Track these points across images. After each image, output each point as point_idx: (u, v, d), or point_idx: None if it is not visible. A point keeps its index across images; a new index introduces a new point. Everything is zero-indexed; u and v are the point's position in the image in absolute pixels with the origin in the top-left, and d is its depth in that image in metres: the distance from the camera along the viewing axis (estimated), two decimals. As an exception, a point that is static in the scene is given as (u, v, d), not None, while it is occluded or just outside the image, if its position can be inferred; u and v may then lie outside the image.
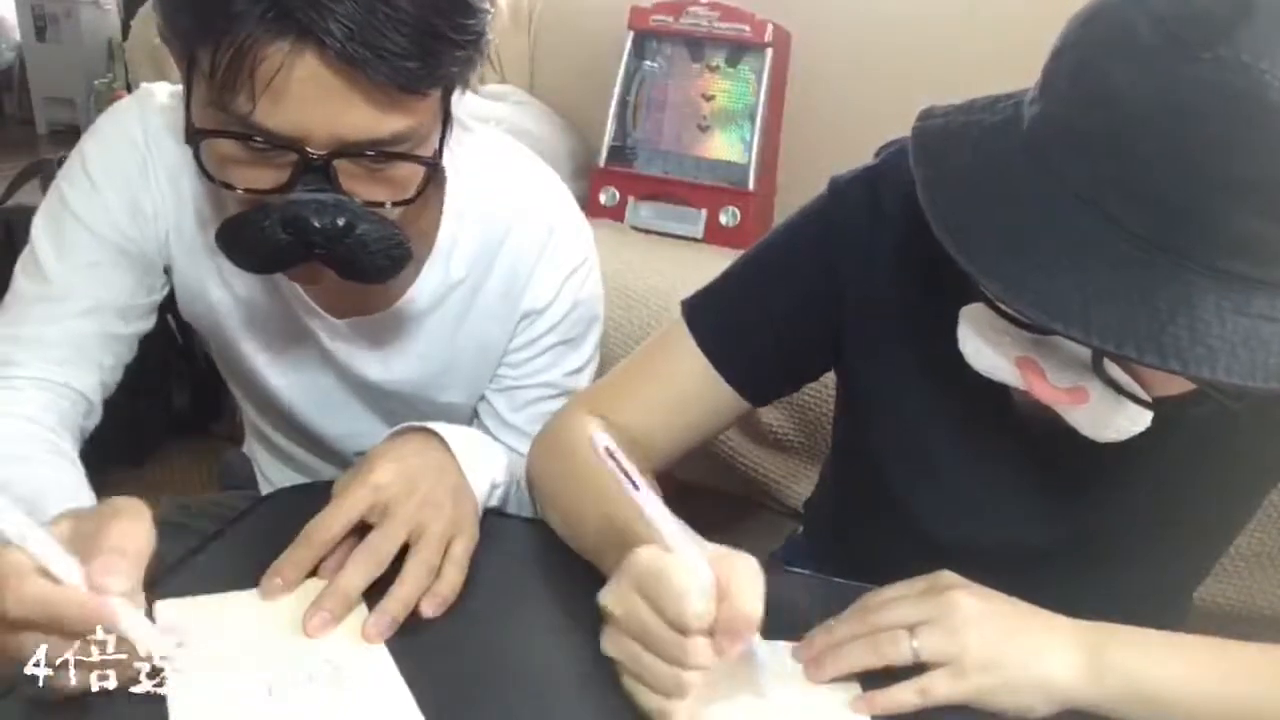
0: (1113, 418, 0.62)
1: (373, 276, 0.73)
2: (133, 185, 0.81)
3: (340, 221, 0.67)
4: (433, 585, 0.66)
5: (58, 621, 0.53)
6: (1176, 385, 0.59)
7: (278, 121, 0.64)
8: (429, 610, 0.65)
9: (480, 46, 0.69)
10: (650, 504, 0.55)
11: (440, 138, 0.72)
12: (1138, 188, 0.53)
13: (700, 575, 0.54)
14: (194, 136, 0.68)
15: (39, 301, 0.81)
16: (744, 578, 0.55)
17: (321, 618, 0.62)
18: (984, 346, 0.64)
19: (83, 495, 0.71)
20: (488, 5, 0.69)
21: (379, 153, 0.68)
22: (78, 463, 0.77)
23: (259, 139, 0.66)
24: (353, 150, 0.67)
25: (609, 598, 0.57)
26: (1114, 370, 0.59)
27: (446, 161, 0.80)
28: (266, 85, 0.63)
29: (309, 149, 0.66)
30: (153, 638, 0.55)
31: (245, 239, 0.70)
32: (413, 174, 0.71)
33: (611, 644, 0.58)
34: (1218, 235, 0.52)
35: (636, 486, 0.54)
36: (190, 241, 0.84)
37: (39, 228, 0.82)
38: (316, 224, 0.67)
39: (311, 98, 0.64)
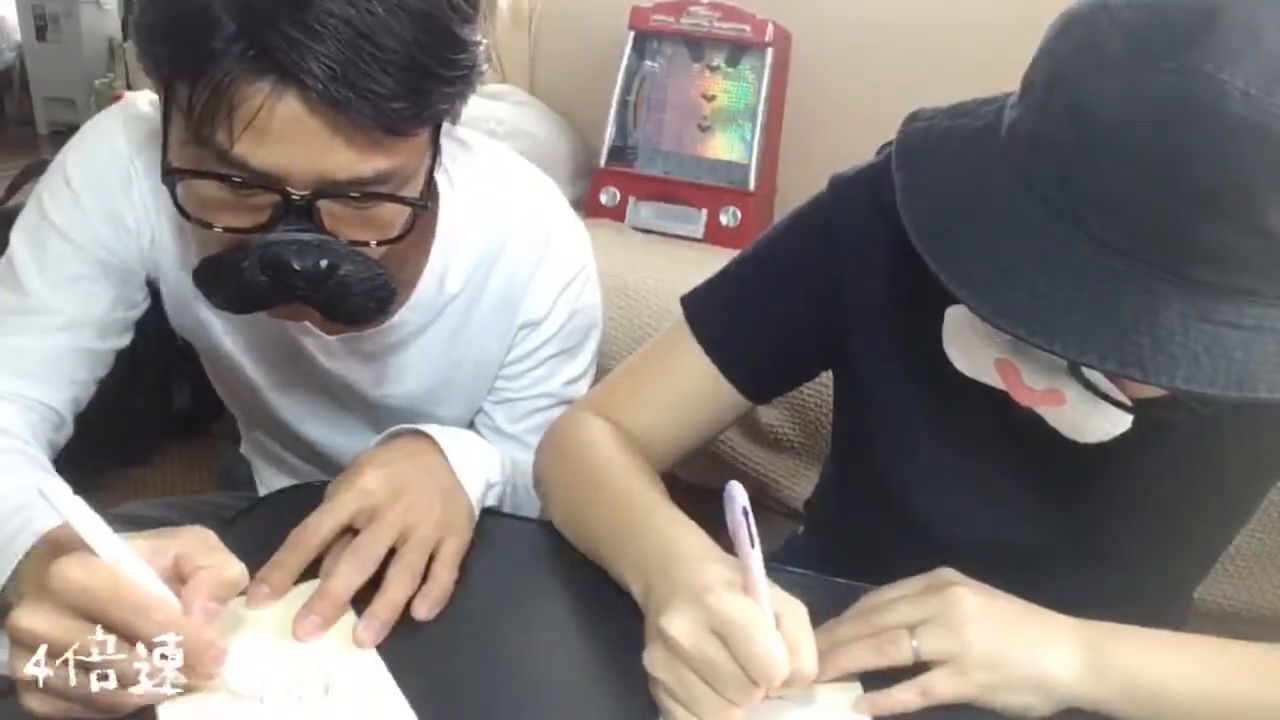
0: (1091, 419, 0.62)
1: (357, 319, 0.71)
2: (115, 197, 0.79)
3: (322, 263, 0.65)
4: (423, 587, 0.66)
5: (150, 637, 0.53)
6: (1155, 389, 0.60)
7: (259, 160, 0.62)
8: (422, 612, 0.65)
9: (471, 80, 0.67)
10: (758, 565, 0.56)
11: (429, 171, 0.70)
12: (1104, 196, 0.53)
13: (777, 635, 0.55)
14: (170, 175, 0.66)
15: (15, 314, 0.79)
16: (805, 634, 0.57)
17: (312, 622, 0.62)
18: (966, 348, 0.65)
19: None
20: (478, 37, 0.66)
21: (363, 194, 0.66)
22: (55, 474, 0.75)
23: (238, 177, 0.63)
24: (336, 191, 0.65)
25: (678, 628, 0.56)
26: (1091, 373, 0.60)
27: (440, 180, 0.79)
28: (247, 125, 0.60)
29: (290, 189, 0.63)
30: (245, 678, 0.57)
31: (224, 280, 0.68)
32: (398, 213, 0.69)
33: (663, 667, 0.57)
34: (1183, 243, 0.52)
35: (753, 544, 0.56)
36: (176, 256, 0.83)
37: (18, 239, 0.80)
38: (297, 266, 0.65)
39: (293, 137, 0.61)
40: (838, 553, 0.89)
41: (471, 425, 0.94)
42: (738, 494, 0.55)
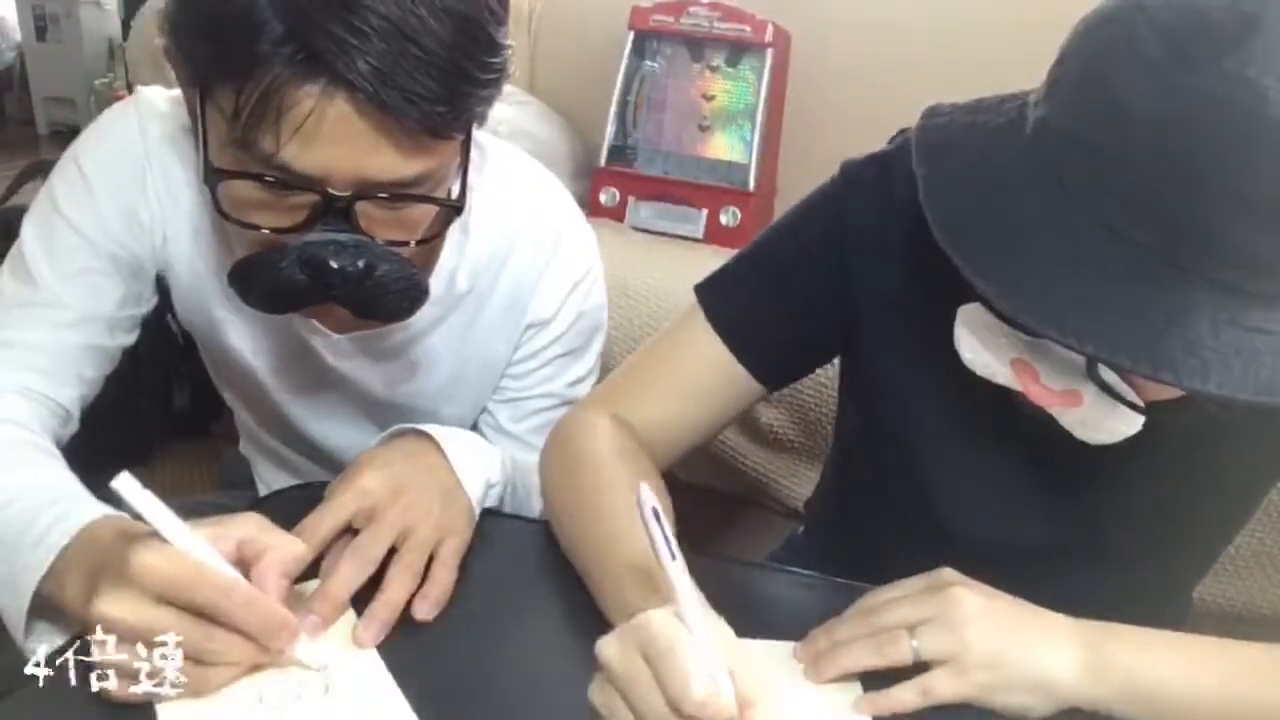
0: (1105, 421, 0.62)
1: (390, 317, 0.73)
2: (129, 193, 0.80)
3: (360, 263, 0.66)
4: (423, 588, 0.66)
5: (238, 622, 0.56)
6: (1170, 391, 0.60)
7: (304, 163, 0.62)
8: (421, 612, 0.65)
9: (502, 83, 0.67)
10: (679, 578, 0.52)
11: (463, 173, 0.71)
12: (1137, 198, 0.53)
13: (710, 659, 0.51)
14: (212, 177, 0.66)
15: (24, 307, 0.79)
16: (758, 690, 0.52)
17: (310, 621, 0.62)
18: (979, 347, 0.65)
19: (80, 493, 0.70)
20: (511, 41, 0.67)
21: (402, 195, 0.66)
22: (68, 468, 0.75)
23: (280, 179, 0.64)
24: (376, 192, 0.65)
25: (610, 650, 0.53)
26: (1108, 374, 0.60)
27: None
28: (295, 130, 0.61)
29: (331, 190, 0.64)
30: (311, 654, 0.59)
31: (261, 280, 0.68)
32: (429, 213, 0.70)
33: (599, 693, 0.54)
34: (1216, 247, 0.52)
35: (674, 556, 0.52)
36: (189, 256, 0.83)
37: (29, 231, 0.80)
38: (335, 265, 0.65)
39: (340, 140, 0.62)
40: (838, 553, 0.89)
41: (475, 425, 0.95)
42: (646, 497, 0.52)
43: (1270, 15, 0.51)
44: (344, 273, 0.66)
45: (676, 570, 0.52)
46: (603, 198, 1.77)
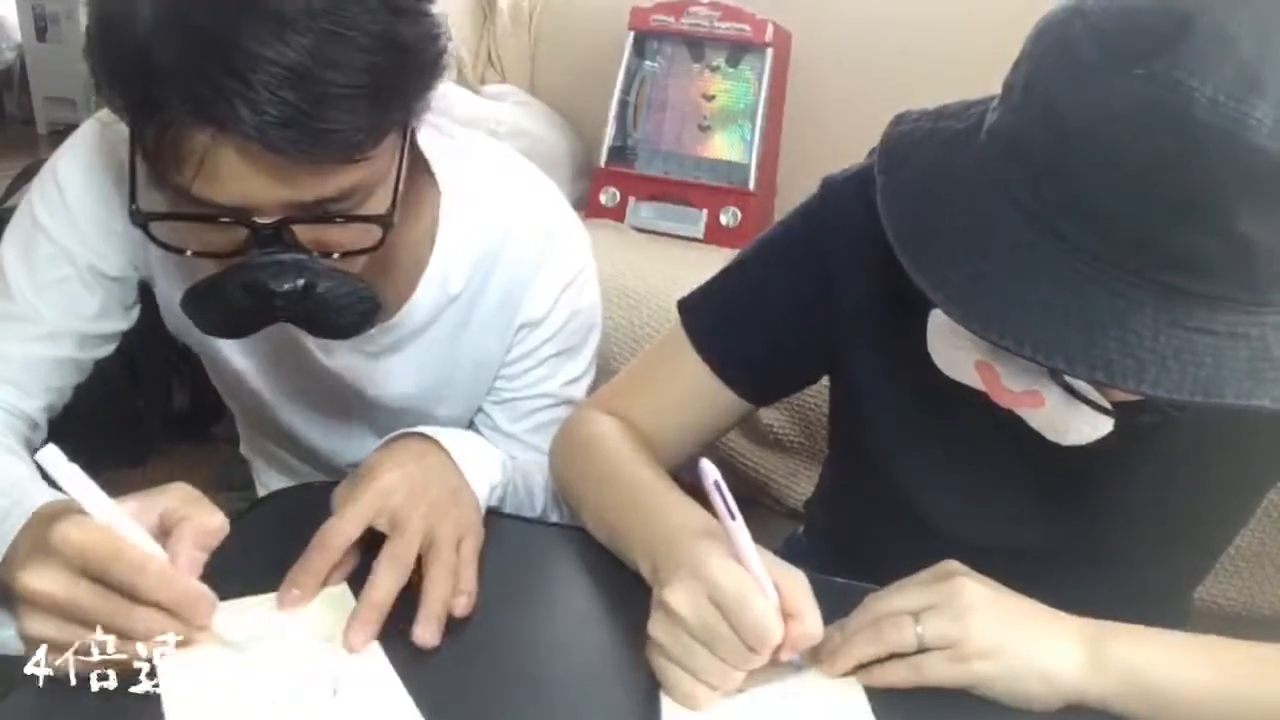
0: (1071, 422, 0.62)
1: (340, 333, 0.72)
2: (105, 202, 0.80)
3: (299, 283, 0.66)
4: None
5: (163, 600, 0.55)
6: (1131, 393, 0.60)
7: (221, 198, 0.63)
8: (460, 610, 0.65)
9: (434, 72, 0.66)
10: (742, 535, 0.58)
11: (396, 180, 0.70)
12: (1075, 200, 0.53)
13: (773, 600, 0.58)
14: (138, 217, 0.67)
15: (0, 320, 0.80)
16: (807, 600, 0.59)
17: (368, 632, 0.62)
18: (947, 350, 0.66)
19: (36, 483, 0.70)
20: (435, 29, 0.65)
21: (330, 214, 0.66)
22: (28, 459, 0.76)
23: (196, 212, 0.64)
24: (303, 214, 0.65)
25: (678, 598, 0.58)
26: (1070, 376, 0.60)
27: (440, 174, 0.80)
28: (197, 171, 0.61)
29: (257, 219, 0.64)
30: (230, 630, 0.59)
31: (210, 305, 0.69)
32: (368, 225, 0.70)
33: (664, 632, 0.59)
34: (1155, 249, 0.52)
35: (734, 516, 0.58)
36: (167, 259, 0.82)
37: (8, 242, 0.81)
38: (274, 287, 0.65)
39: (247, 175, 0.62)
40: (838, 552, 0.89)
41: (470, 425, 0.94)
42: (708, 469, 0.58)
43: (1203, 17, 0.51)
44: (284, 294, 0.66)
45: (738, 530, 0.58)
46: (603, 198, 1.77)
